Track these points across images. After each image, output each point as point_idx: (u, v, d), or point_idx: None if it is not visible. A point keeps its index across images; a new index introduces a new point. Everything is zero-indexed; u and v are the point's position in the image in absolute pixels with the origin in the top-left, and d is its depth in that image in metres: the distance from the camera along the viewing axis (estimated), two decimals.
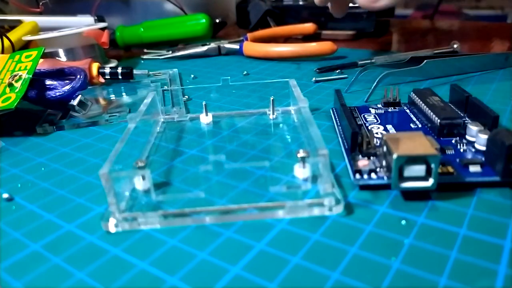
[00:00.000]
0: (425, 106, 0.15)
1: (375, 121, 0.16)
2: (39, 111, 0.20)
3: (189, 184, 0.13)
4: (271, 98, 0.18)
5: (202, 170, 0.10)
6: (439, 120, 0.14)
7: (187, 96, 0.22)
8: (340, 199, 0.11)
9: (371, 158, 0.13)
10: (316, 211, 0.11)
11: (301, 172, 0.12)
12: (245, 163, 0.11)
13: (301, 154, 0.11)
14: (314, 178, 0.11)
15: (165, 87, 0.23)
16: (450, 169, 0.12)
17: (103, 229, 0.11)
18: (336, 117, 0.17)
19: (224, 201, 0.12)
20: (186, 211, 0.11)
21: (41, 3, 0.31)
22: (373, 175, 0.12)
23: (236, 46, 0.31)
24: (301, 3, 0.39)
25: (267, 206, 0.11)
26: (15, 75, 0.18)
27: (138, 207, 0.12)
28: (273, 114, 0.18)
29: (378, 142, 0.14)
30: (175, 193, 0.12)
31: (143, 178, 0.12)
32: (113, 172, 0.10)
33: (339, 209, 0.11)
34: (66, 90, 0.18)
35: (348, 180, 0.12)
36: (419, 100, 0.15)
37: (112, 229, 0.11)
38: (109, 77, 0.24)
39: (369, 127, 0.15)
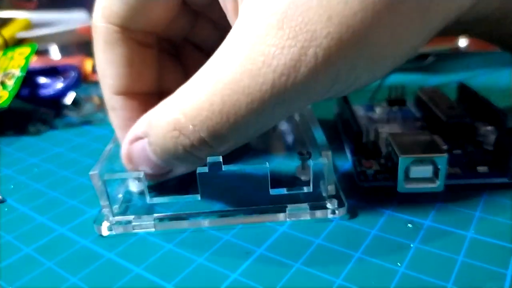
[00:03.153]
0: (431, 105, 0.14)
1: (380, 120, 0.15)
2: (32, 110, 0.20)
3: (185, 186, 0.12)
4: None
5: (198, 171, 0.10)
6: (446, 119, 0.13)
7: None
8: (344, 202, 0.11)
9: (376, 159, 0.12)
10: (318, 214, 0.11)
11: (303, 173, 0.12)
12: (244, 164, 0.10)
13: (303, 155, 0.11)
14: (317, 179, 0.11)
15: None
16: (458, 170, 0.12)
17: (96, 232, 0.11)
18: (340, 116, 0.16)
19: (223, 203, 0.11)
20: (182, 214, 0.11)
21: None
22: (378, 176, 0.12)
23: None
24: None
25: (268, 209, 0.11)
26: (8, 73, 0.18)
27: (133, 210, 0.11)
28: None
29: (383, 142, 0.13)
30: (170, 195, 0.12)
31: (138, 180, 0.12)
32: (105, 174, 0.10)
33: (342, 212, 0.11)
34: (59, 88, 0.18)
35: (353, 181, 0.12)
36: (425, 98, 0.15)
37: (105, 232, 0.11)
38: None
39: (374, 127, 0.14)
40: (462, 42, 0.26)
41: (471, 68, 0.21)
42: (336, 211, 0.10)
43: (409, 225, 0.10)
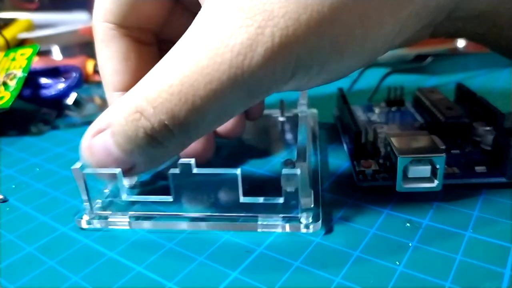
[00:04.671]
0: (430, 105, 0.14)
1: (379, 120, 0.15)
2: (34, 110, 0.20)
3: (163, 188, 0.12)
4: (281, 100, 0.17)
5: (170, 172, 0.10)
6: (444, 120, 0.13)
7: None
8: (319, 216, 0.10)
9: (375, 158, 0.12)
10: (289, 228, 0.10)
11: (288, 184, 0.10)
12: (216, 168, 0.10)
13: (287, 164, 0.10)
14: (289, 191, 0.10)
15: None
16: (456, 170, 0.12)
17: (76, 224, 0.11)
18: (339, 116, 0.16)
19: (196, 206, 0.11)
20: (157, 215, 0.11)
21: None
22: (377, 176, 0.12)
23: None
24: None
25: (240, 217, 0.10)
26: (10, 74, 0.18)
27: (115, 206, 0.11)
28: (282, 116, 0.17)
29: (382, 142, 0.13)
30: (145, 195, 0.11)
31: (114, 177, 0.12)
32: (86, 169, 0.10)
33: (316, 227, 0.10)
34: (60, 88, 0.18)
35: (352, 181, 0.12)
36: (424, 99, 0.15)
37: (84, 225, 0.11)
38: None
39: (373, 127, 0.14)
40: (461, 43, 0.26)
41: (469, 68, 0.22)
42: (310, 226, 0.10)
43: (408, 224, 0.10)
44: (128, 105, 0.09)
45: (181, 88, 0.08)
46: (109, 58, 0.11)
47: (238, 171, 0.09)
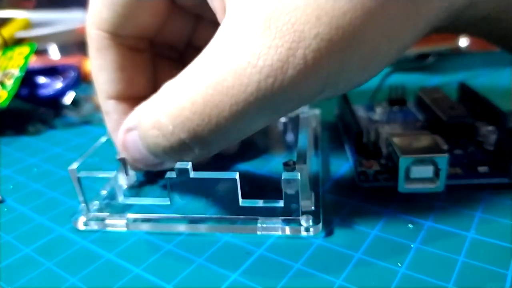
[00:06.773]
0: (432, 105, 0.14)
1: (381, 120, 0.15)
2: (31, 110, 0.20)
3: (162, 188, 0.12)
4: None
5: (167, 176, 0.10)
6: (446, 119, 0.13)
7: None
8: (320, 219, 0.10)
9: (377, 159, 0.12)
10: (289, 231, 0.10)
11: (288, 186, 0.10)
12: (214, 172, 0.09)
13: (288, 165, 0.10)
14: (290, 194, 0.09)
15: None
16: (458, 170, 0.11)
17: (73, 225, 0.11)
18: (341, 116, 0.16)
19: (194, 209, 0.10)
20: (154, 217, 0.11)
21: None
22: (378, 176, 0.11)
23: None
24: None
25: (239, 219, 0.10)
26: (7, 73, 0.18)
27: (112, 208, 0.11)
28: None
29: (384, 142, 0.13)
30: (142, 197, 0.11)
31: (126, 173, 0.12)
32: (82, 171, 0.10)
33: (317, 230, 0.10)
34: (58, 88, 0.18)
35: (353, 182, 0.12)
36: (426, 98, 0.15)
37: (81, 227, 0.11)
38: None
39: (374, 127, 0.14)
40: (463, 42, 0.26)
41: (472, 68, 0.21)
42: (310, 229, 0.10)
43: (410, 225, 0.10)
44: (147, 119, 0.09)
45: (204, 108, 0.08)
46: (104, 67, 0.11)
47: (236, 175, 0.09)
